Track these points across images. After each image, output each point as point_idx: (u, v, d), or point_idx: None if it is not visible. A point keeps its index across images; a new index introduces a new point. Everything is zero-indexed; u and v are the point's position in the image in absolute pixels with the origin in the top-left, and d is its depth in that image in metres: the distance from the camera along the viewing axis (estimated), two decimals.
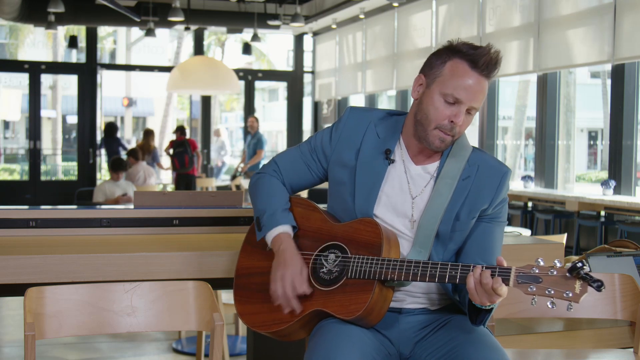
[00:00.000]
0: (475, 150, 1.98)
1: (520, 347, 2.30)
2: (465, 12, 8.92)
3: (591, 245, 7.05)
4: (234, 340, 4.44)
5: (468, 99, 1.84)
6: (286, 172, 2.08)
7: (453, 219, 1.91)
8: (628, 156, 6.81)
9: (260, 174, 2.11)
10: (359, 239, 1.89)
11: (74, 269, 2.11)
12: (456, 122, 1.85)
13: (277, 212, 1.99)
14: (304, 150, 2.07)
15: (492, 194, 1.92)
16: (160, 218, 2.67)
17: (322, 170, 2.06)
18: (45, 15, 10.52)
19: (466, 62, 1.85)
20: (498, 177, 1.94)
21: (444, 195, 1.90)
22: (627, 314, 2.25)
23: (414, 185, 1.95)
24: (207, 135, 13.24)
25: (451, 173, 1.92)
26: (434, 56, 1.92)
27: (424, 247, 1.89)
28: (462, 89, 1.84)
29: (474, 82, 1.84)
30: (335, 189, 2.02)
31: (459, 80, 1.84)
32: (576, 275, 1.60)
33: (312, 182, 2.08)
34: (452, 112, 1.86)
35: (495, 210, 1.95)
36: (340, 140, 2.00)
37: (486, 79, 1.86)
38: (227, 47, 22.48)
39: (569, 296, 1.60)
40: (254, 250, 2.07)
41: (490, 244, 1.94)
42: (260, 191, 2.06)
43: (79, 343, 4.48)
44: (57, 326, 1.93)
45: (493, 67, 1.85)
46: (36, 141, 11.98)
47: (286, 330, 1.92)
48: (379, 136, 1.98)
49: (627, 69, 6.71)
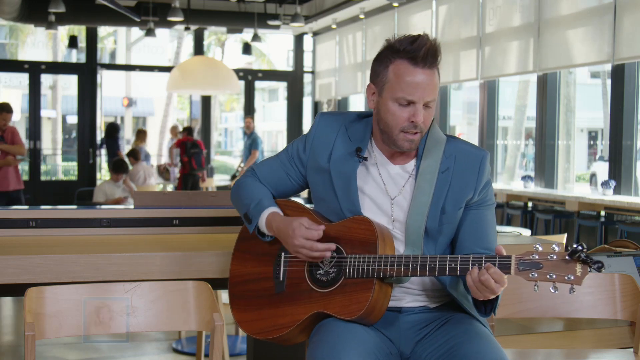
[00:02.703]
0: (450, 140, 1.97)
1: (520, 347, 2.30)
2: (465, 12, 8.92)
3: (591, 245, 7.04)
4: (234, 340, 4.44)
5: (420, 96, 1.84)
6: (265, 181, 2.08)
7: (439, 214, 1.91)
8: (628, 156, 6.81)
9: (240, 179, 2.12)
10: (353, 238, 1.88)
11: (74, 269, 2.11)
12: (416, 121, 1.85)
13: (262, 200, 2.00)
14: (282, 159, 2.08)
15: (475, 181, 1.92)
16: (160, 218, 2.67)
17: (301, 177, 2.06)
18: (45, 15, 10.52)
19: (407, 61, 1.84)
20: (477, 163, 1.94)
21: (426, 192, 1.90)
22: (627, 314, 2.25)
23: (392, 185, 1.95)
24: (207, 135, 13.24)
25: (429, 168, 1.91)
26: (376, 62, 1.93)
27: (416, 246, 1.89)
28: (411, 88, 1.84)
29: (420, 78, 1.84)
30: (317, 195, 2.03)
31: (406, 82, 1.84)
32: (576, 258, 1.62)
33: (292, 189, 2.09)
34: (410, 112, 1.86)
35: (481, 195, 1.95)
36: (313, 146, 2.01)
37: (430, 70, 1.85)
38: (227, 47, 22.49)
39: (570, 279, 1.62)
40: (246, 256, 2.06)
41: (484, 229, 1.94)
42: (242, 191, 2.07)
43: (79, 343, 4.48)
44: (57, 326, 1.93)
45: (433, 57, 1.84)
46: (36, 141, 11.98)
47: (287, 335, 1.92)
48: (350, 139, 1.98)
49: (627, 69, 6.71)
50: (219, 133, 29.04)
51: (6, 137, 6.95)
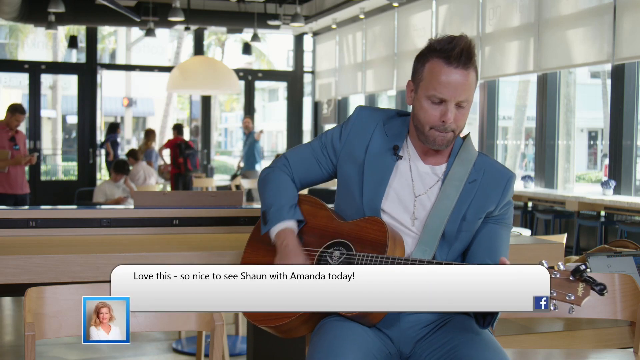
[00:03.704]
0: (481, 155, 2.02)
1: (520, 347, 2.30)
2: (465, 12, 8.92)
3: (591, 245, 7.05)
4: (234, 340, 4.44)
5: (451, 95, 1.87)
6: (296, 167, 2.10)
7: (460, 220, 1.93)
8: (628, 156, 6.81)
9: (270, 168, 2.14)
10: (364, 237, 1.90)
11: (74, 269, 2.11)
12: (446, 120, 1.88)
13: (283, 207, 2.01)
14: (314, 146, 2.10)
15: (499, 197, 1.96)
16: (160, 218, 2.67)
17: (331, 166, 2.08)
18: (45, 15, 10.52)
19: (441, 60, 1.87)
20: (504, 181, 1.98)
21: (451, 197, 1.93)
22: (627, 314, 2.25)
23: (419, 183, 1.98)
24: (207, 135, 13.24)
25: (458, 175, 1.95)
26: (416, 60, 1.97)
27: (429, 246, 1.91)
28: (443, 87, 1.86)
29: (452, 77, 1.86)
30: (343, 186, 2.05)
31: (438, 80, 1.87)
32: (579, 277, 1.60)
33: (321, 177, 2.11)
34: (441, 111, 1.88)
35: (502, 211, 1.98)
36: (349, 137, 2.04)
37: (464, 70, 1.87)
38: (227, 47, 22.49)
39: (571, 299, 1.60)
40: (259, 245, 2.08)
41: (497, 245, 1.96)
42: (269, 186, 2.08)
43: (79, 343, 4.48)
44: (57, 326, 1.93)
45: (467, 57, 1.87)
46: (36, 141, 11.98)
47: (287, 325, 1.92)
48: (387, 135, 2.02)
49: (627, 69, 6.71)
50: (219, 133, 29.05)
51: (18, 140, 6.97)
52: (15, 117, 6.87)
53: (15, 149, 6.91)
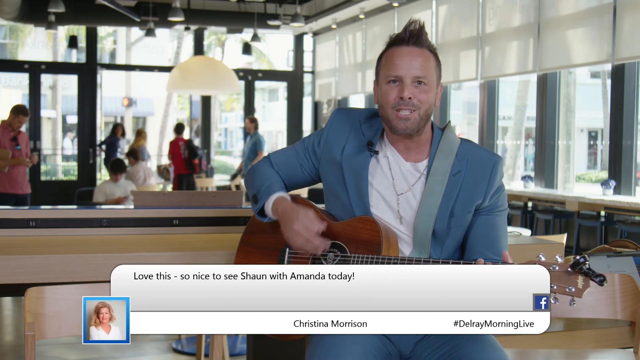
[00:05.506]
0: (464, 143, 1.99)
1: (520, 347, 2.30)
2: (465, 12, 8.92)
3: (591, 245, 7.05)
4: (234, 340, 4.44)
5: (405, 72, 1.88)
6: (279, 169, 2.10)
7: (448, 216, 1.91)
8: (628, 156, 6.81)
9: (256, 164, 2.15)
10: (358, 238, 1.89)
11: (74, 269, 2.11)
12: (404, 96, 1.88)
13: (273, 185, 2.02)
14: (297, 150, 2.11)
15: (485, 187, 1.93)
16: (160, 218, 2.67)
17: (313, 169, 2.08)
18: (45, 15, 10.52)
19: (394, 46, 1.93)
20: (489, 168, 1.95)
21: (436, 193, 1.91)
22: (627, 314, 2.25)
23: (401, 181, 1.96)
24: (207, 135, 13.24)
25: (441, 169, 1.93)
26: (377, 61, 2.00)
27: (423, 247, 1.90)
28: (396, 64, 1.89)
29: (403, 54, 1.89)
30: (328, 189, 2.05)
31: (393, 62, 1.90)
32: (579, 270, 1.61)
33: (304, 180, 2.11)
34: (398, 89, 1.89)
35: (492, 201, 1.96)
36: (327, 141, 2.04)
37: (416, 47, 1.90)
38: (227, 47, 22.48)
39: (571, 291, 1.61)
40: (251, 249, 2.07)
41: (495, 235, 1.95)
42: (256, 173, 2.09)
43: (79, 343, 4.48)
44: (57, 326, 1.93)
45: (417, 34, 1.90)
46: (36, 141, 11.98)
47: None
48: (364, 135, 2.01)
49: (627, 69, 6.71)
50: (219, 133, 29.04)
51: (20, 140, 7.00)
52: (18, 119, 6.93)
53: (16, 149, 6.93)
